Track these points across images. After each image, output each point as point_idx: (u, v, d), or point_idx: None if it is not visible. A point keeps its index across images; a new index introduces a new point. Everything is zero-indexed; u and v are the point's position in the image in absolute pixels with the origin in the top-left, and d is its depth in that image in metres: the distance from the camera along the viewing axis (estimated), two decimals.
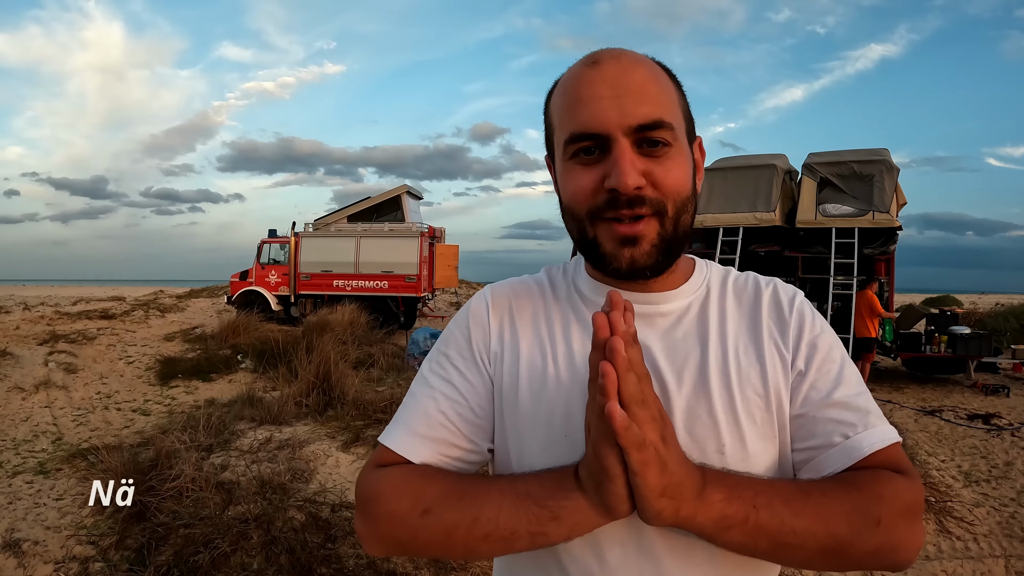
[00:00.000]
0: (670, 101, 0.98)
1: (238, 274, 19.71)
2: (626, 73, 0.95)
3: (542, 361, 1.06)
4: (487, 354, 1.10)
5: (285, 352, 9.32)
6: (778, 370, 1.02)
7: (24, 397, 9.76)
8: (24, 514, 5.25)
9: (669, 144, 0.95)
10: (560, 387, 1.02)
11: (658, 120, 0.94)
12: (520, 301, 1.13)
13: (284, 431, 5.96)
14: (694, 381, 1.00)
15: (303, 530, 4.23)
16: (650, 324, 1.05)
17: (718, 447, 0.97)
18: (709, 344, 1.03)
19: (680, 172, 0.97)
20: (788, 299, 1.08)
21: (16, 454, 7.21)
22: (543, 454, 1.01)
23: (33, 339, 13.64)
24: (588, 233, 0.99)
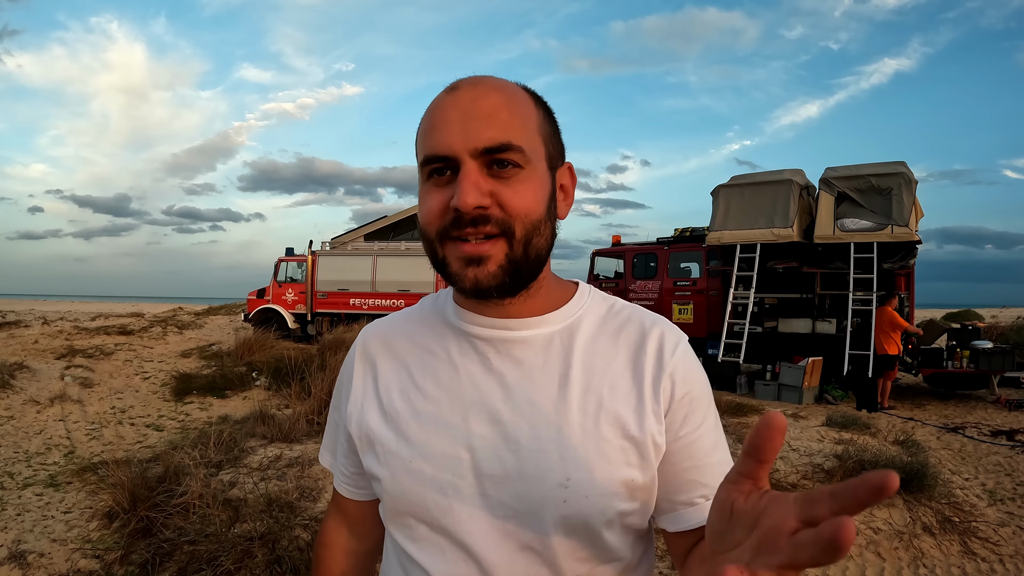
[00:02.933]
0: (522, 126, 0.97)
1: (255, 292, 19.77)
2: (478, 99, 0.96)
3: (400, 398, 1.08)
4: (346, 414, 1.16)
5: (299, 370, 9.26)
6: (649, 416, 1.01)
7: (39, 410, 9.76)
8: (32, 526, 5.21)
9: (519, 166, 0.96)
10: (422, 418, 1.05)
11: (504, 143, 0.94)
12: (390, 338, 1.16)
13: (294, 449, 5.90)
14: (545, 413, 1.00)
15: (308, 549, 4.15)
16: (506, 350, 1.04)
17: (562, 480, 0.97)
18: (571, 377, 1.02)
19: (529, 195, 0.96)
20: (672, 345, 1.06)
21: (28, 466, 7.19)
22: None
23: (51, 353, 13.69)
24: (438, 253, 1.00)
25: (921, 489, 5.81)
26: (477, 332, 1.06)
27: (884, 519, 5.47)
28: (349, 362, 1.19)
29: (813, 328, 13.48)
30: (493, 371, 1.03)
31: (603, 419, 0.99)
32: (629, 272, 17.11)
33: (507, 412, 1.01)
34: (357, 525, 1.27)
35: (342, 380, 1.21)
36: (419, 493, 1.02)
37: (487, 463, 1.00)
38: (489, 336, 1.05)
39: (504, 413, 1.00)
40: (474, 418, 1.02)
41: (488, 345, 1.05)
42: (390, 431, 1.07)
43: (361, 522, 1.26)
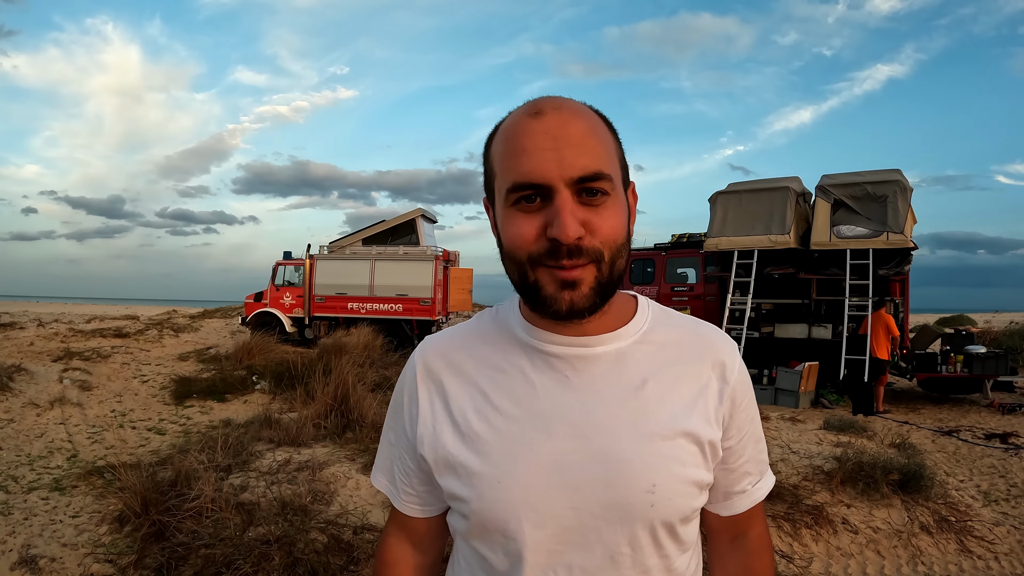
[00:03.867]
0: (607, 152, 1.01)
1: (253, 295, 19.75)
2: (566, 125, 0.98)
3: (477, 418, 1.09)
4: (415, 437, 1.17)
5: (301, 374, 9.27)
6: (713, 423, 1.10)
7: (39, 413, 9.76)
8: (40, 530, 5.21)
9: (607, 194, 0.99)
10: (504, 437, 1.07)
11: (597, 172, 0.97)
12: (452, 357, 1.17)
13: (303, 452, 5.92)
14: (626, 424, 1.05)
15: (325, 552, 4.17)
16: (586, 366, 1.08)
17: (648, 487, 1.03)
18: (646, 389, 1.07)
19: (616, 220, 1.00)
20: (732, 356, 1.15)
21: (31, 470, 7.19)
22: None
23: (47, 355, 13.68)
24: (529, 277, 1.01)
25: (918, 490, 5.91)
26: (554, 350, 1.08)
27: (883, 519, 5.57)
28: (409, 383, 1.19)
29: (809, 333, 13.58)
30: (572, 387, 1.06)
31: (677, 427, 1.06)
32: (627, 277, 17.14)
33: (590, 426, 1.04)
34: (424, 541, 1.28)
35: (401, 401, 1.21)
36: (510, 511, 1.05)
37: (576, 477, 1.03)
38: (566, 354, 1.08)
39: (587, 427, 1.04)
40: (559, 434, 1.04)
41: (564, 362, 1.08)
42: (472, 453, 1.08)
43: (428, 537, 1.28)
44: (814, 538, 5.21)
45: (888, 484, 5.87)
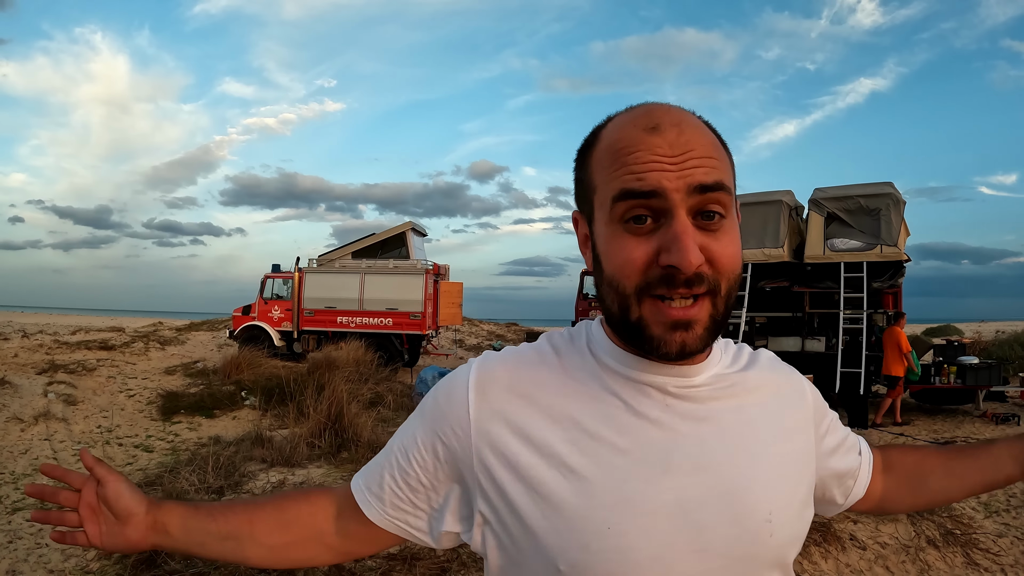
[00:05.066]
0: (725, 167, 0.91)
1: (241, 308, 19.57)
2: (688, 139, 0.87)
3: (580, 457, 0.93)
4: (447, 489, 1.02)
5: (292, 390, 9.11)
6: (811, 445, 1.10)
7: (23, 428, 9.57)
8: (26, 555, 5.04)
9: (724, 216, 0.89)
10: (612, 474, 0.92)
11: (718, 182, 0.87)
12: (522, 384, 0.99)
13: (297, 473, 5.77)
14: (740, 453, 0.98)
15: None
16: (689, 397, 0.98)
17: (766, 515, 0.96)
18: (751, 416, 1.02)
19: (734, 247, 0.91)
20: (805, 378, 1.17)
21: (15, 488, 7.00)
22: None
23: (32, 368, 13.46)
24: (632, 312, 0.90)
25: None
26: (656, 381, 0.96)
27: (890, 534, 5.56)
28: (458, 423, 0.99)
29: (803, 347, 13.57)
30: (681, 416, 0.96)
31: (781, 451, 1.02)
32: None
33: (706, 458, 0.95)
34: (348, 543, 1.13)
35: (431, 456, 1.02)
36: (627, 566, 0.90)
37: (700, 515, 0.93)
38: (668, 384, 0.97)
39: (703, 458, 0.95)
40: (676, 468, 0.93)
41: (667, 394, 0.96)
42: (566, 489, 0.92)
43: (355, 543, 1.12)
44: (823, 556, 5.16)
45: None
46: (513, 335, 28.39)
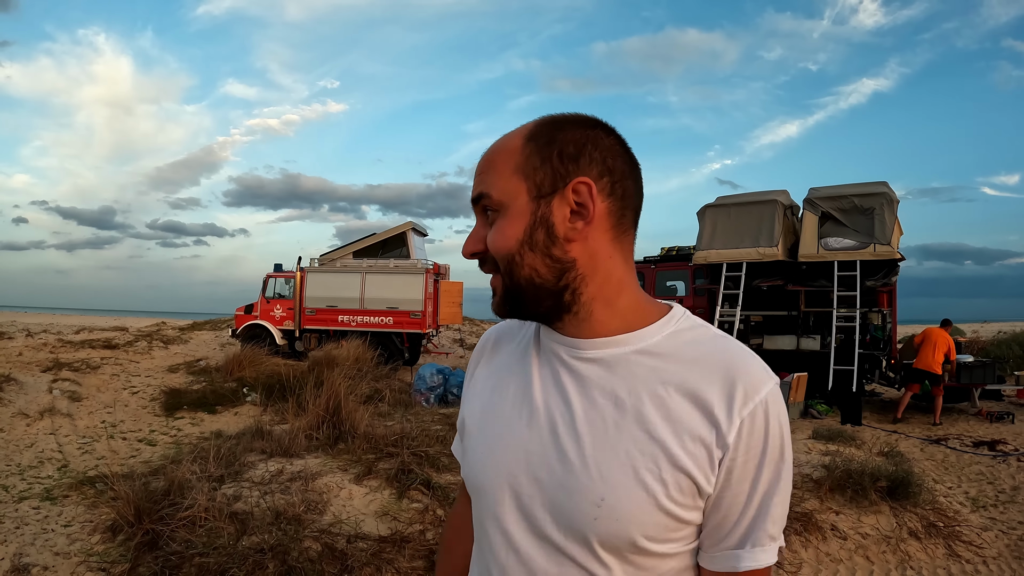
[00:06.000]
0: (498, 173, 1.08)
1: (243, 308, 19.71)
2: (482, 157, 1.12)
3: (490, 395, 1.20)
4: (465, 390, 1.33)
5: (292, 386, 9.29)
6: (703, 458, 0.99)
7: (29, 423, 9.74)
8: (32, 539, 5.20)
9: (497, 210, 1.08)
10: (499, 418, 1.16)
11: (478, 194, 1.10)
12: (501, 341, 1.29)
13: (295, 463, 5.93)
14: (595, 431, 1.03)
15: (319, 560, 4.20)
16: (573, 367, 1.10)
17: (596, 499, 1.01)
18: (628, 400, 1.03)
19: (499, 234, 1.07)
20: (752, 393, 1.01)
21: (22, 479, 7.18)
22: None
23: (36, 366, 13.62)
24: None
25: (906, 496, 5.99)
26: (552, 347, 1.13)
27: (872, 525, 5.64)
28: (474, 357, 1.35)
29: (798, 345, 13.71)
30: (558, 384, 1.10)
31: (651, 448, 1.00)
32: None
33: (563, 424, 1.06)
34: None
35: (469, 368, 1.36)
36: (484, 481, 1.15)
37: (539, 470, 1.07)
38: (558, 352, 1.12)
39: (560, 425, 1.07)
40: (535, 424, 1.10)
41: (557, 359, 1.12)
42: (474, 423, 1.22)
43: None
44: (803, 544, 5.26)
45: (876, 491, 5.92)
46: None
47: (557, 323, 1.12)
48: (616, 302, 1.09)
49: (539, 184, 1.05)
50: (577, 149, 1.06)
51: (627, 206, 1.09)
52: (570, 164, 1.05)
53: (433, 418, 8.15)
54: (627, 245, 1.12)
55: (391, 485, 5.37)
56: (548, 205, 1.05)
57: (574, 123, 1.09)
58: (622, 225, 1.09)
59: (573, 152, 1.06)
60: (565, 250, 1.06)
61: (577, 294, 1.08)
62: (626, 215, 1.09)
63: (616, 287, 1.09)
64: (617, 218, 1.08)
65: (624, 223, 1.10)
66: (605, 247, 1.08)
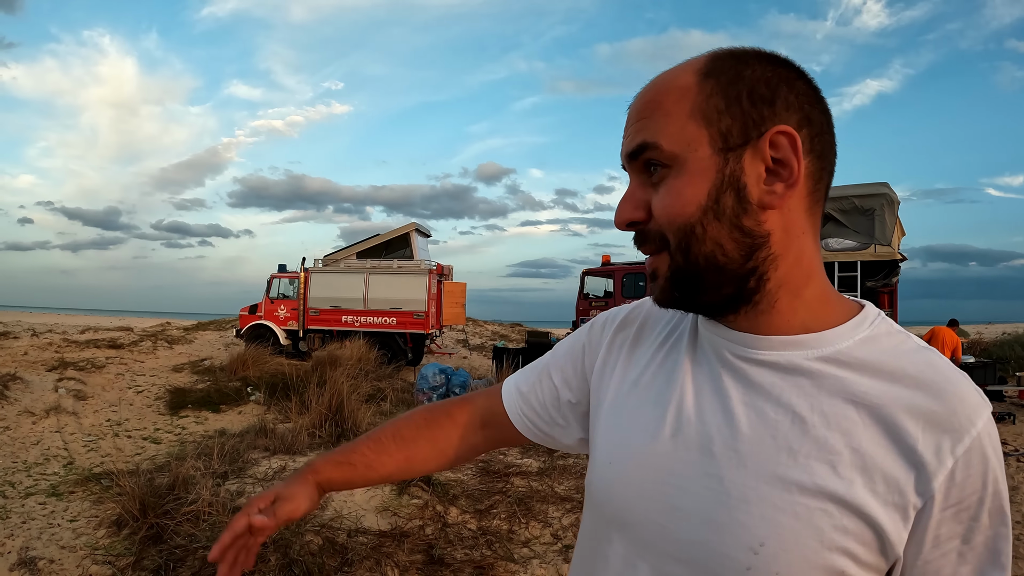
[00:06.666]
0: (668, 117, 0.85)
1: (247, 308, 19.78)
2: (636, 99, 0.90)
3: (628, 391, 0.99)
4: (588, 368, 1.11)
5: (296, 385, 9.37)
6: (895, 508, 0.77)
7: (34, 421, 9.81)
8: (39, 533, 5.29)
9: (668, 166, 0.85)
10: (635, 423, 0.95)
11: (639, 145, 0.87)
12: (645, 328, 1.06)
13: (298, 460, 6.01)
14: (763, 456, 0.82)
15: (320, 553, 4.27)
16: (741, 370, 0.88)
17: (753, 544, 0.80)
18: (808, 420, 0.81)
19: (671, 197, 0.85)
20: (967, 428, 0.77)
21: (28, 476, 7.26)
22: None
23: (42, 365, 13.70)
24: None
25: None
26: (714, 343, 0.92)
27: None
28: (605, 327, 1.11)
29: None
30: (718, 389, 0.88)
31: (832, 484, 0.78)
32: (619, 291, 17.38)
33: (719, 440, 0.86)
34: (488, 426, 1.25)
35: (591, 338, 1.13)
36: (613, 499, 0.95)
37: (679, 494, 0.87)
38: (721, 350, 0.91)
39: (716, 441, 0.86)
40: (682, 437, 0.89)
41: (718, 359, 0.91)
42: (604, 423, 1.01)
43: (492, 426, 1.24)
44: None
45: None
46: (516, 335, 28.63)
47: (730, 315, 0.89)
48: (803, 292, 0.87)
49: (725, 132, 0.83)
50: (771, 90, 0.84)
51: (824, 167, 0.87)
52: (764, 108, 0.83)
53: None
54: (818, 219, 0.89)
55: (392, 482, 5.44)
56: (739, 160, 0.83)
57: (759, 58, 0.86)
58: (817, 191, 0.87)
59: (767, 93, 0.84)
60: (759, 220, 0.84)
61: (764, 279, 0.85)
62: (823, 180, 0.87)
63: (805, 273, 0.87)
64: (815, 182, 0.86)
65: (820, 190, 0.87)
66: (800, 219, 0.86)
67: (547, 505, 5.00)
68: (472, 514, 4.91)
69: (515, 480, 5.41)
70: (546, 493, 5.16)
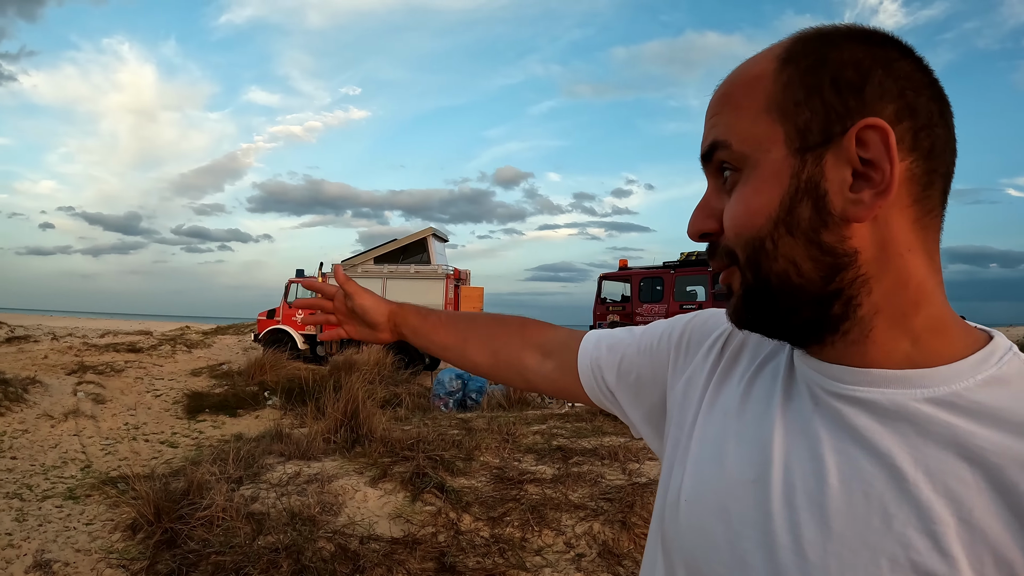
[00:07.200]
0: (740, 111, 0.73)
1: (265, 313, 19.89)
2: (714, 92, 0.79)
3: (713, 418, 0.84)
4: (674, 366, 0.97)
5: (312, 390, 9.40)
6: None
7: (53, 425, 9.89)
8: (55, 536, 5.33)
9: (737, 168, 0.73)
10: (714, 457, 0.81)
11: (711, 144, 0.75)
12: (745, 348, 0.89)
13: (313, 466, 6.01)
14: (849, 516, 0.66)
15: (332, 560, 4.27)
16: (835, 408, 0.71)
17: None
18: (909, 477, 0.64)
19: (740, 206, 0.72)
20: None
21: (45, 479, 7.31)
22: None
23: (61, 369, 13.81)
24: None
25: None
26: (807, 375, 0.76)
27: None
28: (707, 330, 0.96)
29: None
30: (808, 430, 0.73)
31: (931, 565, 0.61)
32: (636, 296, 17.35)
33: (802, 491, 0.70)
34: (556, 355, 1.17)
35: (691, 336, 0.98)
36: (678, 537, 0.82)
37: (751, 547, 0.72)
38: (812, 384, 0.75)
39: (799, 491, 0.70)
40: (764, 483, 0.73)
41: (810, 394, 0.75)
42: (692, 447, 0.85)
43: (555, 366, 1.17)
44: None
45: None
46: None
47: (814, 344, 0.74)
48: (910, 320, 0.70)
49: (803, 129, 0.69)
50: (861, 76, 0.68)
51: (936, 169, 0.70)
52: (851, 98, 0.68)
53: (451, 423, 8.19)
54: (933, 233, 0.71)
55: (405, 488, 5.44)
56: (818, 163, 0.68)
57: (851, 37, 0.71)
58: (927, 199, 0.69)
59: (855, 79, 0.68)
60: (843, 235, 0.68)
61: (853, 304, 0.70)
62: (934, 183, 0.70)
63: (913, 298, 0.69)
64: (922, 187, 0.69)
65: (931, 196, 0.70)
66: (903, 233, 0.69)
67: (561, 513, 4.97)
68: (485, 521, 4.90)
69: (529, 487, 5.39)
70: (560, 501, 5.14)
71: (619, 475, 5.72)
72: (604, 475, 5.68)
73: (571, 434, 7.28)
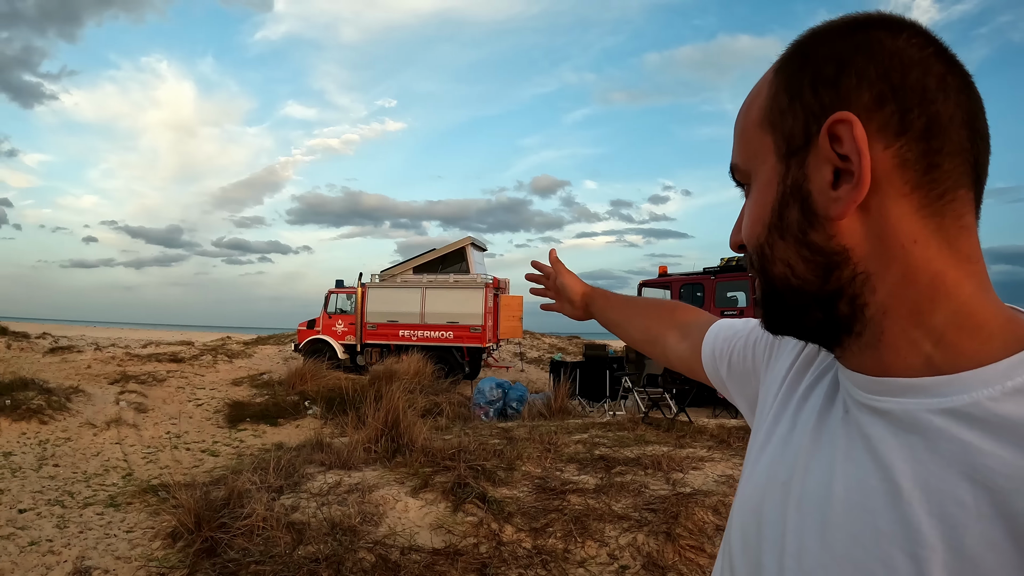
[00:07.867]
0: (744, 129, 0.76)
1: (305, 323, 19.98)
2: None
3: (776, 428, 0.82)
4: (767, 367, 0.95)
5: (353, 400, 9.37)
6: None
7: (95, 433, 9.97)
8: (95, 543, 5.32)
9: (747, 184, 0.77)
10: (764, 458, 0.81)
11: (730, 167, 0.80)
12: (809, 363, 0.85)
13: (353, 476, 5.96)
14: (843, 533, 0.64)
15: (373, 571, 4.19)
16: (856, 419, 0.69)
17: None
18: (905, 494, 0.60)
19: (747, 217, 0.76)
20: None
21: (87, 486, 7.34)
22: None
23: (104, 378, 13.97)
24: None
25: None
26: (843, 383, 0.73)
27: None
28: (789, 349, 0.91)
29: None
30: (832, 439, 0.71)
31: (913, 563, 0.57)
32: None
33: (814, 500, 0.68)
34: (685, 344, 1.25)
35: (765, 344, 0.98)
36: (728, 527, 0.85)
37: (767, 548, 0.73)
38: (846, 392, 0.72)
39: (811, 499, 0.69)
40: (792, 489, 0.72)
41: (842, 404, 0.72)
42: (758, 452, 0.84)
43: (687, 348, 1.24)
44: None
45: None
46: (574, 347, 28.44)
47: (836, 348, 0.72)
48: (927, 317, 0.63)
49: (787, 135, 0.69)
50: (838, 68, 0.66)
51: (939, 148, 0.63)
52: (826, 95, 0.66)
53: (491, 432, 8.12)
54: (952, 219, 0.63)
55: (447, 498, 5.36)
56: (801, 165, 0.68)
57: (841, 29, 0.67)
58: (934, 183, 0.63)
59: (831, 74, 0.66)
60: (829, 234, 0.66)
61: (859, 304, 0.66)
62: (940, 165, 0.62)
63: (927, 293, 0.63)
64: (921, 171, 0.62)
65: (940, 178, 0.63)
66: (904, 223, 0.63)
67: (604, 524, 4.86)
68: (527, 532, 4.80)
69: (571, 498, 5.28)
70: (603, 511, 5.03)
71: (663, 485, 5.60)
72: (647, 485, 5.57)
73: (613, 443, 7.17)
